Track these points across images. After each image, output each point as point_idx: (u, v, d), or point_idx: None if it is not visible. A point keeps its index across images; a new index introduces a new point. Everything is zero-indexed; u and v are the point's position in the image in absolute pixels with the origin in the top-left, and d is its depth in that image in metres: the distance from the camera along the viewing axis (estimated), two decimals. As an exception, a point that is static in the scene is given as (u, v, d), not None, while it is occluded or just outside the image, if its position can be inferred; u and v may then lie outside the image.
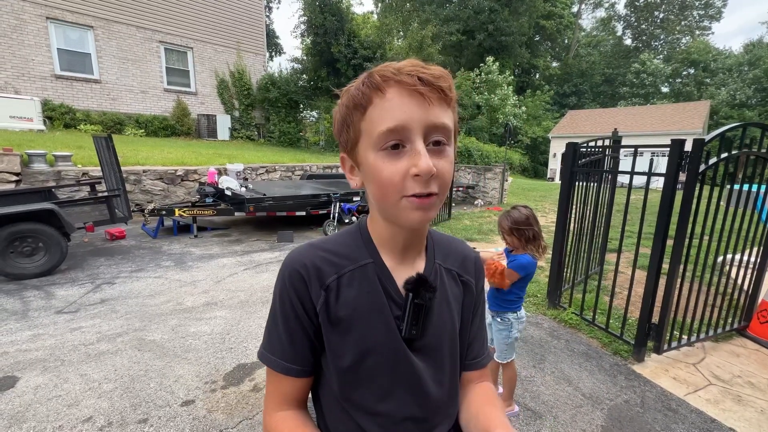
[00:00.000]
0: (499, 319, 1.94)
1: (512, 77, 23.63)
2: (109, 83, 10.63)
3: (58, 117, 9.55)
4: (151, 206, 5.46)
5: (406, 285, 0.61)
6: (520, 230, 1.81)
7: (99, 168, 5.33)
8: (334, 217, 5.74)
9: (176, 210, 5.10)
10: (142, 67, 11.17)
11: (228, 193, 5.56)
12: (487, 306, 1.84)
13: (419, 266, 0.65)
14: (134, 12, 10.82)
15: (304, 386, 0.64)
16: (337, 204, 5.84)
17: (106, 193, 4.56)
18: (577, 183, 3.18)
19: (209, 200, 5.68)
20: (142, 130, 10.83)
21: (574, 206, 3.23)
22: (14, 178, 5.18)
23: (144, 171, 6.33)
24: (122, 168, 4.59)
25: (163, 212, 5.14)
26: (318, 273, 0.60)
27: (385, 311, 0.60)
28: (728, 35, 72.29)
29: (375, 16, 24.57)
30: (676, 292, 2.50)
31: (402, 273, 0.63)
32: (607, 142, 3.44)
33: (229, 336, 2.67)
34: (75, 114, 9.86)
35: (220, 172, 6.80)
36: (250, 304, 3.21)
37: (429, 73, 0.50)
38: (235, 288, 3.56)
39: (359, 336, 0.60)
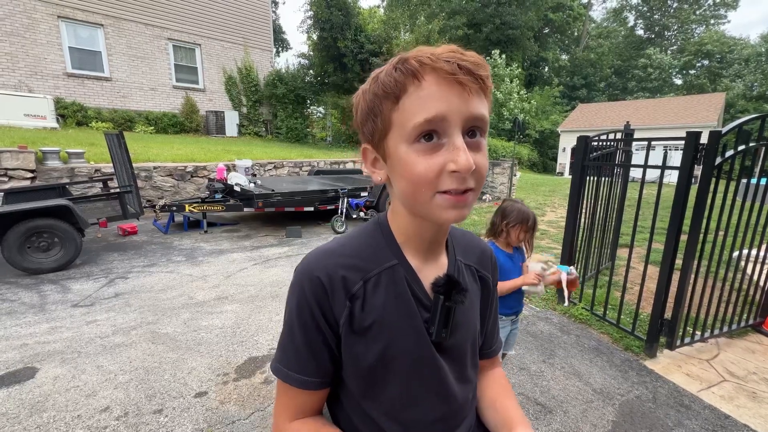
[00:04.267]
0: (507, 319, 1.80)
1: (519, 70, 23.29)
2: (119, 81, 10.75)
3: (70, 115, 9.70)
4: (161, 202, 5.54)
5: (436, 288, 0.58)
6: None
7: (111, 165, 5.41)
8: (341, 213, 5.76)
9: (186, 206, 5.17)
10: (151, 65, 11.27)
11: (237, 189, 5.61)
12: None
13: (442, 263, 0.63)
14: (143, 10, 10.90)
15: (322, 398, 0.61)
16: (345, 199, 5.85)
17: (118, 190, 4.64)
18: (588, 177, 3.13)
19: (218, 196, 5.74)
20: (152, 127, 10.95)
21: (585, 200, 3.19)
22: (29, 174, 5.29)
23: (154, 167, 6.41)
24: (133, 164, 4.66)
25: (174, 208, 5.21)
26: (343, 282, 0.56)
27: (414, 316, 0.58)
28: (749, 24, 69.76)
29: (381, 10, 24.40)
30: (690, 288, 2.46)
31: (427, 273, 0.60)
32: (619, 136, 3.39)
33: (240, 329, 2.71)
34: (87, 111, 10.00)
35: (228, 168, 6.86)
36: (260, 299, 3.25)
37: (469, 60, 0.46)
38: (245, 282, 3.60)
39: (387, 343, 0.57)
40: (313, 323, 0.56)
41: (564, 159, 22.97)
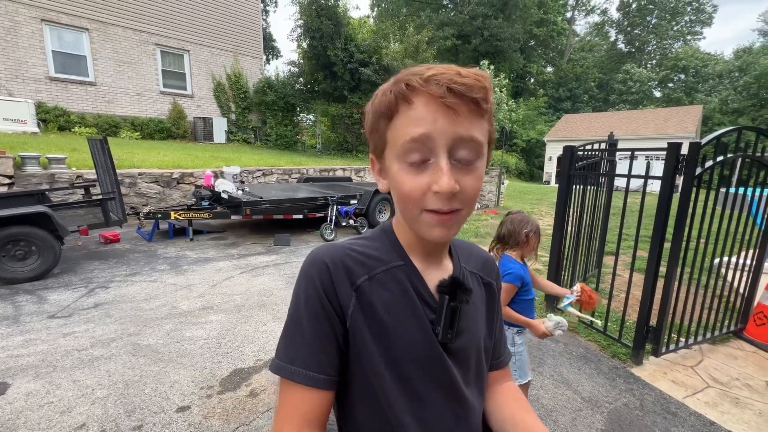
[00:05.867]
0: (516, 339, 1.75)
1: (507, 81, 23.83)
2: (104, 86, 10.56)
3: (52, 119, 9.45)
4: (146, 209, 5.40)
5: (441, 288, 0.59)
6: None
7: (94, 171, 5.27)
8: (331, 221, 5.72)
9: (172, 213, 5.05)
10: (138, 70, 11.11)
11: (224, 196, 5.52)
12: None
13: (447, 268, 0.65)
14: (130, 15, 10.78)
15: (329, 402, 0.58)
16: (335, 207, 5.82)
17: (100, 196, 4.51)
18: (574, 186, 3.19)
19: (205, 203, 5.63)
20: (138, 133, 10.75)
21: (571, 209, 3.24)
22: (7, 181, 5.12)
23: (139, 174, 6.28)
24: (117, 171, 4.55)
25: (159, 215, 5.08)
26: (347, 271, 0.57)
27: (420, 315, 0.58)
28: (723, 42, 73.83)
29: (371, 20, 24.72)
30: (674, 295, 2.51)
31: (432, 276, 0.61)
32: (603, 146, 3.47)
33: (225, 340, 2.64)
34: (70, 116, 9.77)
35: (216, 175, 6.76)
36: (246, 308, 3.18)
37: (461, 82, 0.46)
38: (231, 292, 3.52)
39: (395, 341, 0.57)
40: (323, 311, 0.56)
41: (550, 168, 23.42)
